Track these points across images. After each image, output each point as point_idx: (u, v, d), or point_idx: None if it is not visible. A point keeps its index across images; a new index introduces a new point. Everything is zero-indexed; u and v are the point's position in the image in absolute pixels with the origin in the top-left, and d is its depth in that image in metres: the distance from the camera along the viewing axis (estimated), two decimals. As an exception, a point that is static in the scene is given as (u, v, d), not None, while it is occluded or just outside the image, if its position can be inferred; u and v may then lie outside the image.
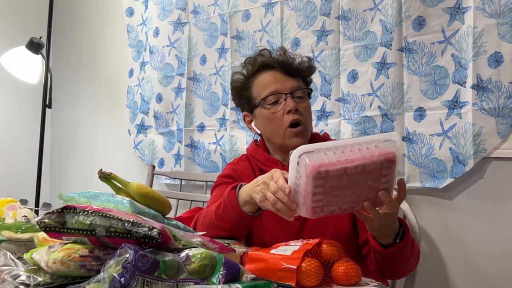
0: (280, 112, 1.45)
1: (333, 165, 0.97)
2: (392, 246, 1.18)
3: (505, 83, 1.61)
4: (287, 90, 1.46)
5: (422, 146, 1.77)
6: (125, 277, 0.74)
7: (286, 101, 1.44)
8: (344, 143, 1.02)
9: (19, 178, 2.84)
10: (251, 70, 1.52)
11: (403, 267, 1.28)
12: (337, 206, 1.05)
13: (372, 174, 1.01)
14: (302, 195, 1.02)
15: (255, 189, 1.18)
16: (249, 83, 1.52)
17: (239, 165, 1.57)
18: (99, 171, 1.15)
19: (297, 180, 1.02)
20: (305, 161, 0.98)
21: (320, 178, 0.97)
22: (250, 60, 1.55)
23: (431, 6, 1.75)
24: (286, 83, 1.47)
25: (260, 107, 1.48)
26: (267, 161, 1.53)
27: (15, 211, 1.35)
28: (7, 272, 0.88)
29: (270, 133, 1.49)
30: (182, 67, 2.41)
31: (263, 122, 1.49)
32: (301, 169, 0.99)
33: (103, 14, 2.88)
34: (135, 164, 2.64)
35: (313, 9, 2.02)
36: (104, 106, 2.85)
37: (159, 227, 0.83)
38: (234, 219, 1.26)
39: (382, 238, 1.18)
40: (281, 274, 0.97)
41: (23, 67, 2.63)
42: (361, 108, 1.90)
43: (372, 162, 0.99)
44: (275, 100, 1.45)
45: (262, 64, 1.51)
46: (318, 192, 0.99)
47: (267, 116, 1.47)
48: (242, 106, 1.57)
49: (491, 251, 1.69)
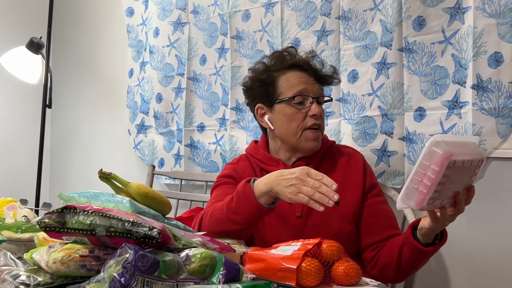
0: (303, 113, 1.47)
1: (461, 155, 0.99)
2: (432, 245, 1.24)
3: (505, 83, 1.61)
4: (314, 94, 1.49)
5: (422, 146, 1.77)
6: (125, 277, 0.74)
7: (312, 105, 1.47)
8: (454, 139, 1.06)
9: (19, 178, 2.84)
10: (279, 65, 1.52)
11: (421, 267, 1.36)
12: (442, 199, 1.06)
13: (471, 171, 1.05)
14: (425, 185, 1.00)
15: (281, 182, 1.19)
16: (274, 77, 1.51)
17: (239, 165, 1.57)
18: (99, 171, 1.15)
19: (423, 169, 1.00)
20: (444, 148, 0.97)
21: (449, 167, 0.98)
22: (277, 55, 1.56)
23: (431, 6, 1.75)
24: (313, 86, 1.50)
25: (284, 103, 1.48)
26: (268, 161, 1.54)
27: (15, 211, 1.35)
28: (7, 272, 0.88)
29: (287, 131, 1.49)
30: (182, 67, 2.41)
31: (282, 119, 1.49)
32: (434, 158, 0.98)
33: (103, 14, 2.88)
34: (135, 164, 2.64)
35: (313, 9, 2.02)
36: (104, 106, 2.85)
37: (159, 227, 0.83)
38: (249, 212, 1.24)
39: (428, 237, 1.23)
40: (281, 274, 0.97)
41: (23, 67, 2.63)
42: (361, 108, 1.90)
43: (476, 159, 1.03)
44: (301, 100, 1.47)
45: (294, 63, 1.51)
46: (442, 182, 1.00)
47: (289, 115, 1.48)
48: (257, 98, 1.55)
49: (491, 251, 1.69)
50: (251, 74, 1.58)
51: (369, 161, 1.83)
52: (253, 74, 1.58)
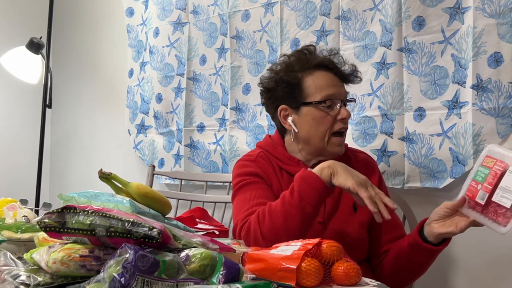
0: (332, 116, 1.44)
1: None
2: (442, 243, 1.31)
3: (505, 83, 1.61)
4: (342, 96, 1.47)
5: (422, 146, 1.77)
6: (125, 277, 0.74)
7: (341, 109, 1.44)
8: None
9: (19, 178, 2.84)
10: (304, 65, 1.47)
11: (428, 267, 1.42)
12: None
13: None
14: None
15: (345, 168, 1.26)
16: (298, 77, 1.46)
17: (260, 163, 1.50)
18: (99, 171, 1.15)
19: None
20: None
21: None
22: (299, 54, 1.51)
23: (431, 6, 1.75)
24: (341, 89, 1.48)
25: (313, 106, 1.44)
26: (288, 160, 1.49)
27: (15, 211, 1.35)
28: (7, 272, 0.88)
29: (314, 134, 1.45)
30: (182, 67, 2.41)
31: (310, 122, 1.45)
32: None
33: (103, 14, 2.88)
34: (135, 164, 2.64)
35: (313, 9, 2.02)
36: (104, 106, 2.85)
37: (159, 227, 0.83)
38: (316, 192, 1.24)
39: (439, 238, 1.30)
40: (281, 274, 0.97)
41: (23, 67, 2.63)
42: (361, 108, 1.90)
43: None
44: (330, 104, 1.44)
45: (320, 63, 1.47)
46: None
47: (318, 118, 1.44)
48: (280, 99, 1.49)
49: (491, 251, 1.69)
50: (272, 75, 1.52)
51: (369, 161, 1.84)
52: (273, 75, 1.51)
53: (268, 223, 1.26)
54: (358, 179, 1.23)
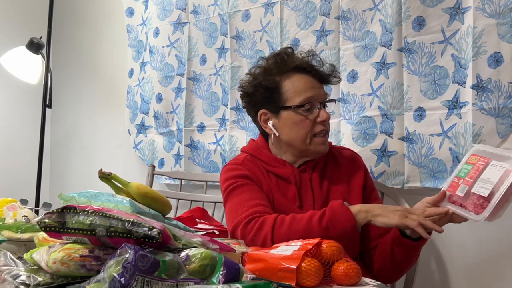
0: (311, 119, 1.44)
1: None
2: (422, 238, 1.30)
3: (505, 83, 1.61)
4: (322, 99, 1.47)
5: (422, 146, 1.77)
6: (125, 277, 0.74)
7: (320, 111, 1.45)
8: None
9: (19, 178, 2.84)
10: (281, 68, 1.47)
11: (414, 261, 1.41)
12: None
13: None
14: (504, 200, 1.14)
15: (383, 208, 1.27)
16: (277, 81, 1.46)
17: (247, 166, 1.51)
18: (99, 171, 1.15)
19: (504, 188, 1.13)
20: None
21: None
22: (276, 57, 1.50)
23: (431, 6, 1.75)
24: (320, 91, 1.48)
25: (292, 110, 1.44)
26: (274, 162, 1.50)
27: (15, 211, 1.35)
28: (7, 272, 0.88)
29: (295, 137, 1.46)
30: (182, 67, 2.41)
31: (290, 126, 1.45)
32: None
33: (103, 14, 2.88)
34: (135, 164, 2.64)
35: (313, 9, 2.02)
36: (104, 106, 2.85)
37: (159, 227, 0.83)
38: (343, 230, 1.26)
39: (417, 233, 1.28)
40: (281, 274, 0.97)
41: (23, 67, 2.63)
42: (361, 108, 1.90)
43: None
44: (310, 107, 1.44)
45: (298, 66, 1.47)
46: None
47: (298, 122, 1.44)
48: (260, 103, 1.50)
49: (491, 251, 1.69)
50: (250, 79, 1.52)
51: (369, 161, 1.84)
52: (252, 79, 1.51)
53: (284, 232, 1.26)
54: (398, 212, 1.24)
